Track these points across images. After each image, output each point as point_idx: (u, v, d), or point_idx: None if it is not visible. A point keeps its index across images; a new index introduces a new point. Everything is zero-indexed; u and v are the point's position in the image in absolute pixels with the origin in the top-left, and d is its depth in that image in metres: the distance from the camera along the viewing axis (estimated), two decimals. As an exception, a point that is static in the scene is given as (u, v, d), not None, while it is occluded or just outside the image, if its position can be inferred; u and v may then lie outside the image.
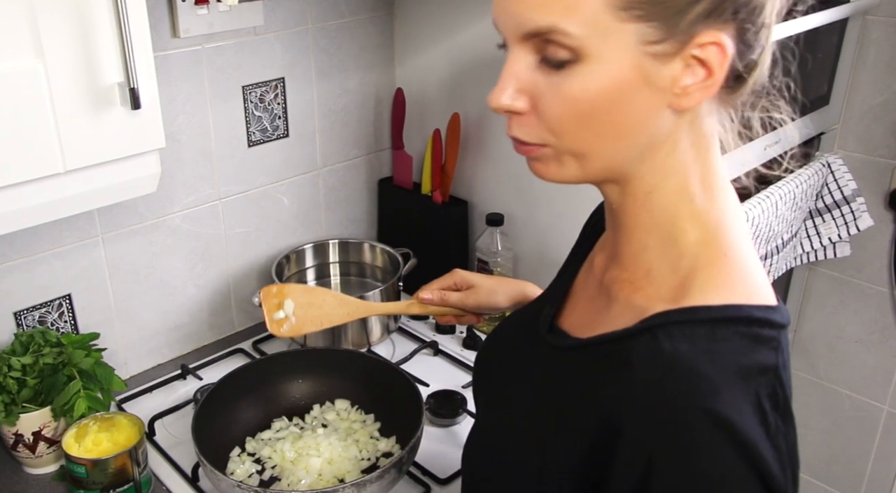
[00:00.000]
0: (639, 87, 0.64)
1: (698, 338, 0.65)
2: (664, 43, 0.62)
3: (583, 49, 0.62)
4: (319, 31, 1.54)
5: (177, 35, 1.33)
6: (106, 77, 0.96)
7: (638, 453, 0.63)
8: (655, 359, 0.65)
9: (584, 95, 0.64)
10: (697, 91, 0.65)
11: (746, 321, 0.65)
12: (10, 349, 1.23)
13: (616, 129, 0.66)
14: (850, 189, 1.68)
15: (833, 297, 1.94)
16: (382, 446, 1.25)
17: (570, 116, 0.65)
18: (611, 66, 0.63)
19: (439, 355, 1.53)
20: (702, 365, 0.63)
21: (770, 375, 0.65)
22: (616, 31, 0.61)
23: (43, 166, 0.95)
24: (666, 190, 0.70)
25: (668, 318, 0.67)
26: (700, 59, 0.63)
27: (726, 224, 0.71)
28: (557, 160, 0.69)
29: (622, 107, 0.64)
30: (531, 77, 0.66)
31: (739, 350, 0.64)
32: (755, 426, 0.61)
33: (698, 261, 0.69)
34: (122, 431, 1.19)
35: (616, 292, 0.75)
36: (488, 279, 1.12)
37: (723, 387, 0.62)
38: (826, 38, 1.61)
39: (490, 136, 1.57)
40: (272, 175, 1.56)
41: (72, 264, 1.33)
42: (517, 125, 0.69)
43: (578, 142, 0.67)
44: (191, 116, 1.40)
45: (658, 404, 0.63)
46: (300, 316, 1.12)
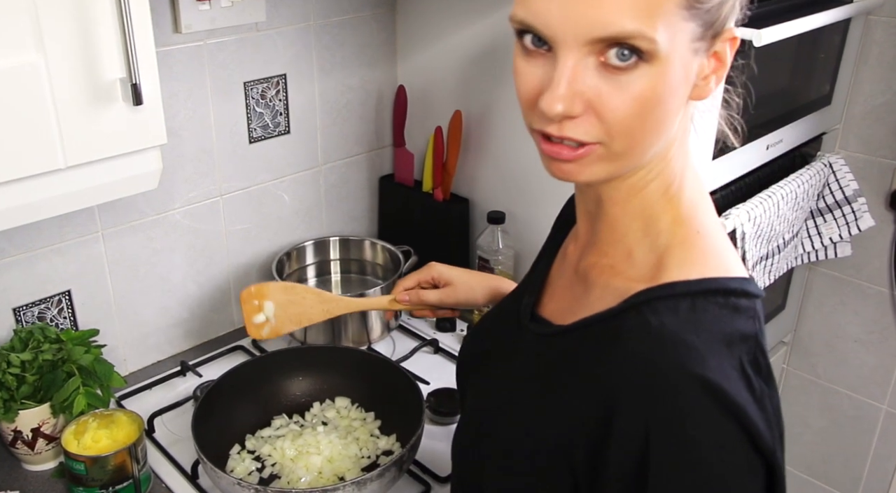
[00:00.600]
0: (684, 82, 0.66)
1: (681, 310, 0.67)
2: (703, 40, 0.65)
3: (659, 52, 0.61)
4: (321, 28, 1.54)
5: (178, 30, 1.32)
6: (107, 72, 0.96)
7: (635, 424, 0.65)
8: (644, 332, 0.67)
9: (653, 95, 0.63)
10: (713, 82, 0.68)
11: (724, 293, 0.68)
12: (9, 346, 1.22)
13: (663, 124, 0.67)
14: (852, 189, 1.68)
15: (833, 296, 1.94)
16: (382, 444, 1.25)
17: (636, 116, 0.64)
18: (672, 65, 0.63)
19: (439, 352, 1.53)
20: (688, 335, 0.66)
21: (751, 342, 0.68)
22: (681, 31, 0.63)
23: (44, 162, 0.94)
24: (659, 177, 0.73)
25: (651, 294, 0.69)
26: (716, 52, 0.67)
27: (697, 204, 0.74)
28: (606, 160, 0.67)
29: (673, 101, 0.66)
30: (588, 79, 0.63)
31: (720, 320, 0.67)
32: (741, 390, 0.64)
33: (673, 239, 0.72)
34: (121, 428, 1.19)
35: (595, 277, 0.77)
36: (464, 275, 1.13)
37: (709, 355, 0.65)
38: (829, 37, 1.61)
39: (492, 134, 1.56)
40: (273, 172, 1.55)
41: (71, 260, 1.33)
42: (573, 126, 0.65)
43: (632, 140, 0.66)
44: (192, 112, 1.39)
45: (650, 375, 0.65)
46: (280, 316, 1.13)
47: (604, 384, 0.68)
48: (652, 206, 0.73)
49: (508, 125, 1.52)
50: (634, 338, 0.68)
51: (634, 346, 0.68)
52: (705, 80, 0.68)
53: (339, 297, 1.17)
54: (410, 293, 1.12)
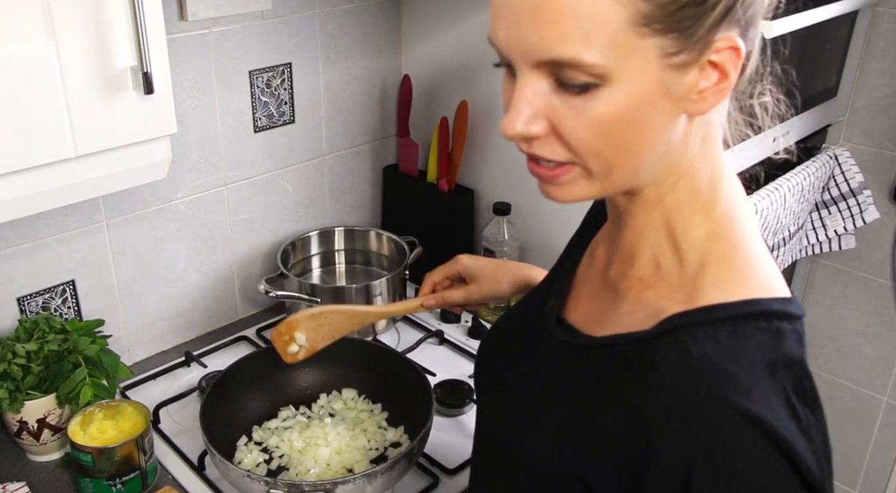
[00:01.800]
0: (661, 99, 0.62)
1: (722, 338, 0.64)
2: (683, 53, 0.61)
3: (606, 74, 0.60)
4: (327, 16, 1.52)
5: (184, 18, 1.31)
6: (118, 61, 0.95)
7: (675, 460, 0.62)
8: (683, 363, 0.64)
9: (612, 116, 0.62)
10: (712, 95, 0.64)
11: (766, 316, 0.65)
12: (15, 336, 1.22)
13: (640, 143, 0.65)
14: (857, 182, 1.68)
15: (835, 288, 1.95)
16: (390, 435, 1.25)
17: (597, 138, 0.63)
18: (635, 84, 0.61)
19: (444, 344, 1.52)
20: (729, 365, 0.62)
21: (796, 367, 0.64)
22: (638, 49, 0.59)
23: (54, 151, 0.93)
24: (678, 189, 0.70)
25: (689, 319, 0.66)
26: (713, 63, 0.62)
27: (734, 217, 0.70)
28: (585, 179, 0.67)
29: (647, 121, 0.63)
30: (547, 101, 0.63)
31: (763, 346, 0.64)
32: (787, 422, 0.61)
33: (709, 256, 0.68)
34: (127, 419, 1.18)
35: (625, 289, 0.74)
36: (490, 266, 1.11)
37: (752, 386, 0.61)
38: (836, 30, 1.61)
39: (498, 124, 1.55)
40: (278, 161, 1.54)
41: (76, 250, 1.32)
42: (539, 145, 0.65)
43: (605, 161, 0.65)
44: (197, 101, 1.38)
45: (691, 409, 0.62)
46: (312, 339, 1.14)
47: (642, 417, 0.66)
48: (676, 218, 0.70)
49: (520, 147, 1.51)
50: (674, 368, 0.65)
51: (673, 377, 0.64)
52: (701, 95, 0.63)
53: (367, 309, 1.17)
54: (436, 297, 1.10)
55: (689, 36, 0.60)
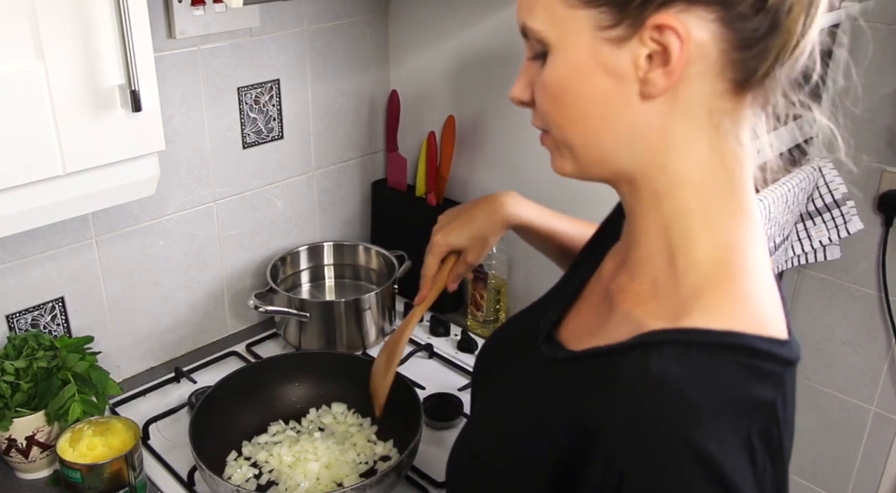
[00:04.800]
0: (597, 72, 0.65)
1: (691, 362, 0.61)
2: (618, 27, 0.63)
3: (547, 41, 0.67)
4: (314, 33, 1.54)
5: (173, 36, 1.32)
6: (106, 79, 0.96)
7: (611, 469, 0.61)
8: (642, 379, 0.62)
9: (553, 82, 0.68)
10: (658, 78, 0.62)
11: (747, 352, 0.61)
12: (4, 353, 1.22)
13: (586, 116, 0.68)
14: (841, 193, 1.69)
15: (821, 299, 1.96)
16: (380, 449, 1.25)
17: (549, 105, 0.69)
18: (570, 54, 0.66)
19: (434, 357, 1.53)
20: (689, 391, 0.60)
21: (766, 411, 0.61)
22: (570, 20, 0.65)
23: (43, 169, 0.94)
24: (675, 193, 0.67)
25: (664, 336, 0.63)
26: (661, 44, 0.61)
27: (742, 245, 0.66)
28: (557, 150, 0.72)
29: (585, 93, 0.67)
30: (531, 71, 0.71)
31: (735, 381, 0.61)
32: (739, 461, 0.58)
33: (706, 281, 0.65)
34: (117, 435, 1.18)
35: (619, 302, 0.73)
36: (466, 230, 1.08)
37: (708, 416, 0.58)
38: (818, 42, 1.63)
39: (485, 138, 1.57)
40: (267, 177, 1.55)
41: (65, 267, 1.32)
42: (532, 114, 0.73)
43: (562, 131, 0.70)
44: (186, 118, 1.39)
45: (638, 425, 0.60)
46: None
47: (588, 419, 0.64)
48: (676, 228, 0.67)
49: (502, 130, 1.53)
50: (631, 383, 0.62)
51: (628, 391, 0.62)
52: (645, 76, 0.63)
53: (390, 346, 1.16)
54: (451, 279, 1.10)
55: (621, 10, 0.62)
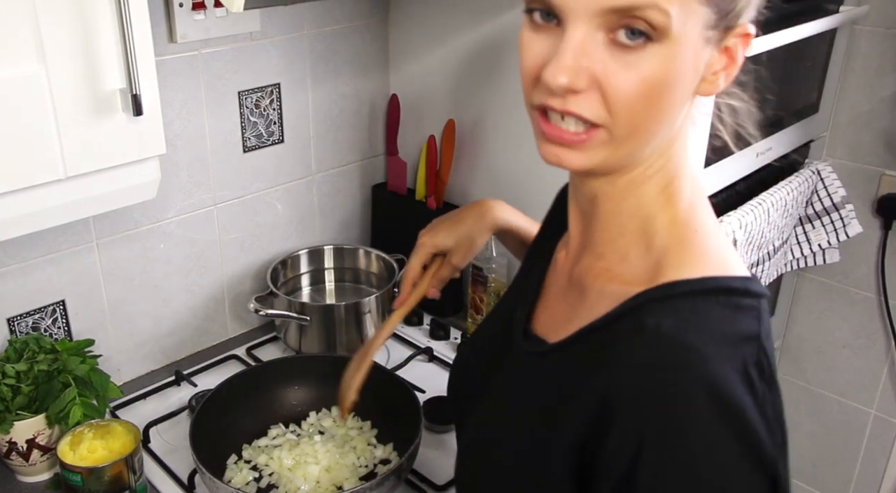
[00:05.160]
0: (691, 69, 0.64)
1: (680, 311, 0.65)
2: (716, 28, 0.63)
3: (668, 29, 0.60)
4: (315, 37, 1.54)
5: (174, 40, 1.32)
6: (108, 83, 0.96)
7: (630, 429, 0.63)
8: (642, 336, 0.65)
9: (660, 77, 0.62)
10: (722, 79, 0.67)
11: (725, 291, 0.66)
12: (5, 356, 1.22)
13: (668, 110, 0.65)
14: (840, 196, 1.70)
15: (821, 302, 1.96)
16: (380, 453, 1.25)
17: (641, 97, 0.62)
18: (683, 47, 0.62)
19: (433, 361, 1.53)
20: (688, 336, 0.63)
21: (753, 343, 0.65)
22: (694, 13, 0.61)
23: (44, 173, 0.94)
24: (658, 174, 0.71)
25: (649, 296, 0.67)
26: (727, 48, 0.65)
27: (695, 204, 0.72)
28: (608, 144, 0.65)
29: (678, 87, 0.64)
30: (596, 54, 0.61)
31: (722, 320, 0.65)
32: (743, 394, 0.62)
33: (671, 240, 0.70)
34: (117, 438, 1.18)
35: (590, 282, 0.75)
36: (453, 231, 1.07)
37: (710, 356, 0.62)
38: (815, 47, 1.64)
39: (485, 142, 1.57)
40: (267, 181, 1.56)
41: (66, 270, 1.32)
42: (577, 101, 0.63)
43: (634, 124, 0.64)
44: (186, 122, 1.39)
45: (646, 379, 0.63)
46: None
47: (598, 395, 0.65)
48: (648, 204, 0.71)
49: (502, 133, 1.53)
50: (630, 341, 0.65)
51: (632, 350, 0.65)
52: (714, 75, 0.66)
53: (375, 341, 1.12)
54: (434, 285, 1.08)
55: (726, 13, 0.63)
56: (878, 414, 1.94)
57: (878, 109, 1.74)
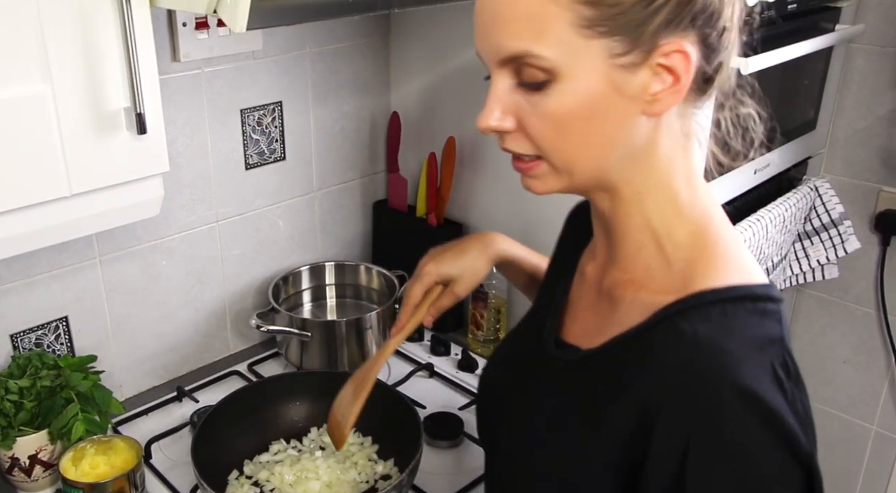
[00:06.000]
0: (612, 97, 0.68)
1: (714, 317, 0.69)
2: (630, 54, 0.66)
3: (556, 69, 0.66)
4: (317, 56, 1.56)
5: (177, 59, 1.34)
6: (112, 102, 0.97)
7: (676, 431, 0.66)
8: (678, 341, 0.69)
9: (563, 111, 0.68)
10: (667, 97, 0.69)
11: (752, 298, 0.70)
12: (7, 372, 1.23)
13: (597, 139, 0.70)
14: (838, 212, 1.71)
15: (821, 318, 1.97)
16: (381, 468, 1.25)
17: (553, 132, 0.70)
18: (584, 82, 0.67)
19: (434, 377, 1.54)
20: (722, 341, 0.67)
21: (778, 345, 0.69)
22: (584, 49, 0.66)
23: (49, 190, 0.95)
24: (654, 190, 0.75)
25: (681, 305, 0.71)
26: (667, 67, 0.68)
27: (711, 215, 0.76)
28: (553, 173, 0.73)
29: (599, 118, 0.69)
30: (513, 98, 0.70)
31: (751, 325, 0.69)
32: (776, 395, 0.65)
33: (693, 252, 0.74)
34: (119, 454, 1.19)
35: (620, 293, 0.79)
36: (458, 261, 1.08)
37: (743, 360, 0.66)
38: (812, 65, 1.65)
39: (485, 159, 1.58)
40: (269, 198, 1.57)
41: (69, 287, 1.33)
42: (510, 139, 0.73)
43: (565, 155, 0.71)
44: (189, 139, 1.41)
45: (688, 382, 0.66)
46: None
47: (641, 398, 0.69)
48: (656, 219, 0.75)
49: (501, 151, 1.54)
50: (669, 347, 0.69)
51: (670, 355, 0.69)
52: (655, 96, 0.68)
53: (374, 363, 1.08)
54: (432, 312, 1.07)
55: (634, 38, 0.66)
56: (878, 430, 1.94)
57: (875, 125, 1.75)
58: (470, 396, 1.47)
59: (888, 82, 1.71)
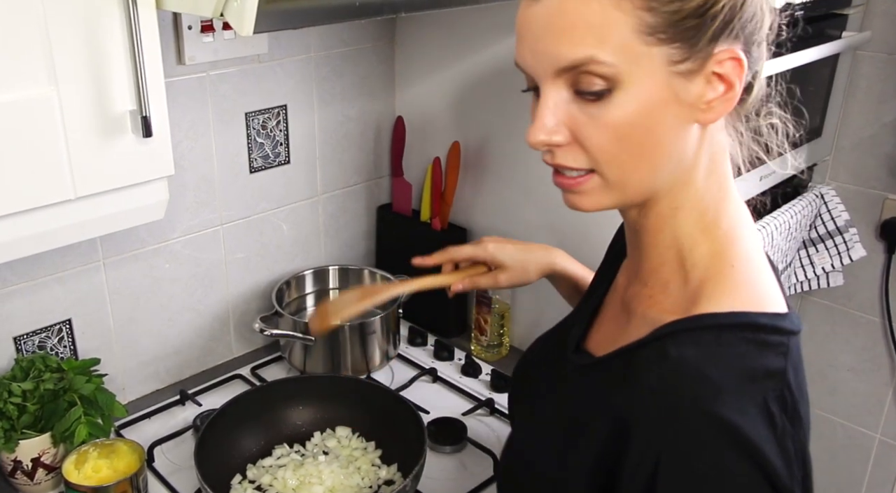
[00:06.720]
0: (671, 105, 0.67)
1: (704, 343, 0.68)
2: (688, 61, 0.66)
3: (618, 76, 0.66)
4: (321, 60, 1.56)
5: (182, 62, 1.34)
6: (118, 105, 0.97)
7: (647, 452, 0.66)
8: (661, 365, 0.68)
9: (625, 120, 0.67)
10: (720, 104, 0.69)
11: (753, 327, 0.68)
12: (11, 375, 1.22)
13: (656, 149, 0.70)
14: (843, 220, 1.70)
15: (825, 325, 1.96)
16: (384, 473, 1.25)
17: (614, 143, 0.68)
18: (645, 89, 0.66)
19: (438, 382, 1.53)
20: (706, 369, 0.66)
21: (777, 379, 0.67)
22: (645, 56, 0.66)
23: (54, 193, 0.95)
24: (688, 205, 0.74)
25: (678, 326, 0.70)
26: (720, 75, 0.68)
27: (735, 236, 0.74)
28: (604, 188, 0.72)
29: (659, 127, 0.68)
30: (568, 110, 0.69)
31: (746, 355, 0.67)
32: (760, 428, 0.64)
33: (708, 272, 0.73)
34: (122, 457, 1.18)
35: (635, 307, 0.79)
36: (517, 254, 1.12)
37: (726, 390, 0.64)
38: (819, 72, 1.65)
39: (490, 164, 1.58)
40: (273, 201, 1.57)
41: (73, 289, 1.33)
42: (561, 153, 0.71)
43: (622, 168, 0.70)
44: (194, 143, 1.41)
45: (663, 406, 0.66)
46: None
47: (621, 411, 0.69)
48: (685, 236, 0.74)
49: (506, 156, 1.54)
50: (652, 368, 0.69)
51: (649, 377, 0.69)
52: (708, 104, 0.69)
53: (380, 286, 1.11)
54: (465, 283, 1.12)
55: (692, 45, 0.66)
56: (882, 439, 1.93)
57: (881, 133, 1.74)
58: (473, 401, 1.46)
59: (895, 90, 1.70)
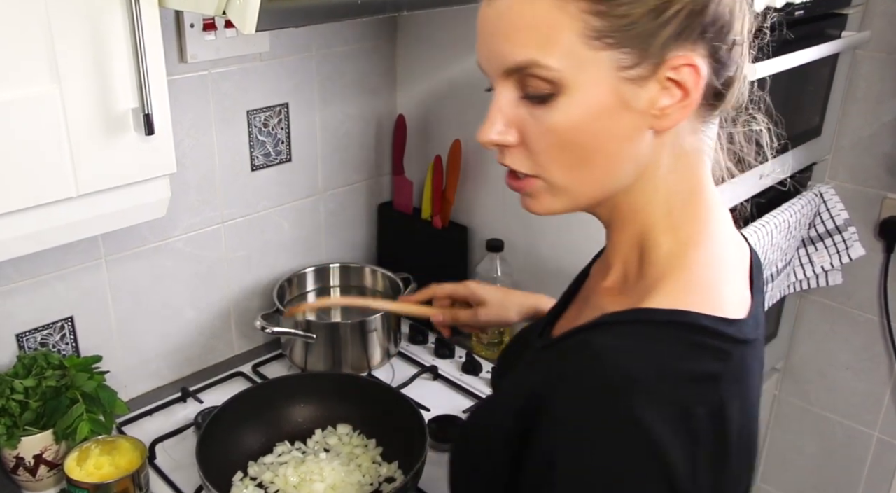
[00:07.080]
0: (619, 111, 0.66)
1: (630, 336, 0.66)
2: (638, 67, 0.65)
3: (562, 81, 0.65)
4: (323, 58, 1.56)
5: (184, 60, 1.34)
6: (120, 103, 0.98)
7: (547, 438, 0.65)
8: (582, 351, 0.67)
9: (569, 125, 0.66)
10: (675, 111, 0.67)
11: (691, 328, 0.66)
12: (13, 372, 1.23)
13: (602, 156, 0.68)
14: (842, 219, 1.71)
15: (824, 324, 1.97)
16: (385, 471, 1.25)
17: (558, 147, 0.67)
18: (590, 95, 0.65)
19: (439, 379, 1.54)
20: (623, 360, 0.64)
21: (710, 384, 0.65)
22: (592, 61, 0.64)
23: (57, 191, 0.95)
24: (651, 207, 0.73)
25: (615, 317, 0.69)
26: (675, 81, 0.66)
27: (700, 239, 0.72)
28: (550, 193, 0.71)
29: (605, 132, 0.67)
30: (516, 111, 0.68)
31: (674, 355, 0.65)
32: (670, 429, 0.61)
33: (664, 271, 0.71)
34: (123, 454, 1.19)
35: (595, 300, 0.79)
36: (498, 294, 1.15)
37: (640, 385, 0.62)
38: (818, 72, 1.65)
39: (491, 162, 1.59)
40: (274, 199, 1.57)
41: (74, 287, 1.34)
42: (509, 155, 0.71)
43: (568, 172, 0.69)
44: (195, 141, 1.41)
45: (577, 392, 0.64)
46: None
47: (536, 392, 0.67)
48: (648, 233, 0.73)
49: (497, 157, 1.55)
50: (573, 353, 0.68)
51: (570, 362, 0.67)
52: (663, 111, 0.66)
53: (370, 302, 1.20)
54: (446, 314, 1.15)
55: (642, 51, 0.64)
56: (880, 437, 1.94)
57: (880, 133, 1.75)
58: (474, 398, 1.47)
59: (894, 89, 1.71)
